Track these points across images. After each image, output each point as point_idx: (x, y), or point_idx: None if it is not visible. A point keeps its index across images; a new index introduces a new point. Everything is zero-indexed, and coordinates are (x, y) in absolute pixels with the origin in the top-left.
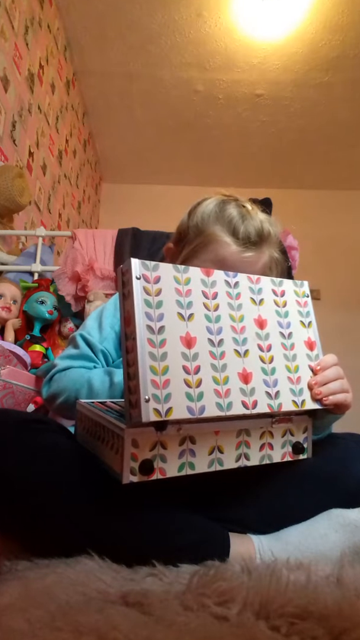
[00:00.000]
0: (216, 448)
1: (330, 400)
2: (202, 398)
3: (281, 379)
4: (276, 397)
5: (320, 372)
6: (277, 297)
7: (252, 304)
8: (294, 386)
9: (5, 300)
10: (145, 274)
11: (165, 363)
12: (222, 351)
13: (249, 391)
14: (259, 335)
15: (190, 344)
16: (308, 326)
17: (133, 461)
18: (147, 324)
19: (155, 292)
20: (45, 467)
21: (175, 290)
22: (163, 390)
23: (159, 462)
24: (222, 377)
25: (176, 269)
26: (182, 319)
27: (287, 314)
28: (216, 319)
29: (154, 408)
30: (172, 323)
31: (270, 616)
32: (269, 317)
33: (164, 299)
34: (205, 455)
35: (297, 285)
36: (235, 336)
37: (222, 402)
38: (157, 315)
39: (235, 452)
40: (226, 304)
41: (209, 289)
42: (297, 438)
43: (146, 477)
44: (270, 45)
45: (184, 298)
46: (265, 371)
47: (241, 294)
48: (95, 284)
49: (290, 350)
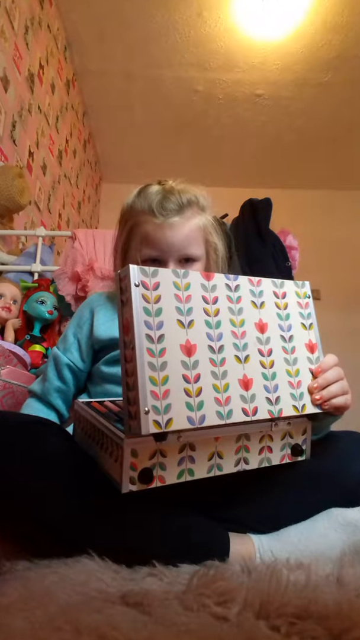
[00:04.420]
0: (216, 454)
1: (330, 404)
2: (203, 407)
3: (282, 384)
4: (276, 403)
5: (321, 374)
6: (278, 299)
7: (253, 308)
8: (294, 390)
9: (5, 300)
10: (144, 280)
11: (165, 373)
12: (222, 358)
13: (249, 398)
14: (260, 340)
15: (190, 352)
16: (309, 328)
17: (132, 470)
18: (146, 332)
19: (154, 299)
20: (46, 470)
21: (174, 296)
22: (163, 401)
23: (159, 470)
24: (223, 384)
25: (176, 274)
26: (182, 326)
27: (288, 316)
28: (216, 324)
29: (154, 420)
30: (171, 331)
31: (270, 616)
32: (270, 321)
33: (164, 306)
34: (205, 461)
35: (298, 286)
36: (235, 341)
37: (223, 410)
38: (157, 324)
39: (234, 456)
40: (227, 308)
41: (209, 294)
42: (296, 440)
43: (145, 485)
44: (270, 45)
45: (184, 304)
46: (265, 376)
47: (242, 297)
48: (95, 284)
49: (291, 353)
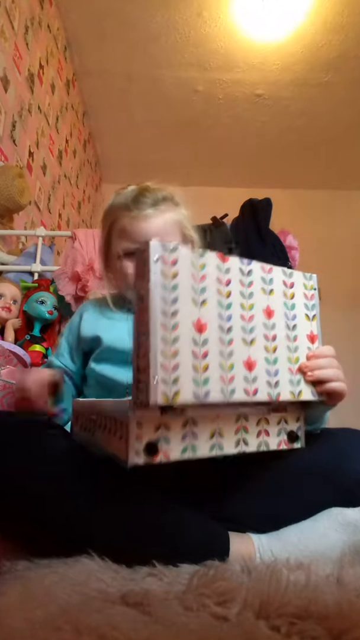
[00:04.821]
0: (217, 432)
1: (324, 388)
2: (208, 383)
3: (282, 369)
4: (276, 386)
5: (313, 359)
6: (286, 288)
7: (263, 294)
8: (292, 377)
9: (5, 300)
10: (164, 255)
11: (176, 347)
12: (230, 338)
13: (251, 379)
14: (266, 325)
15: (201, 330)
16: (312, 319)
17: (138, 443)
18: (161, 307)
19: (172, 275)
20: (46, 469)
21: (191, 274)
22: (172, 374)
23: (163, 444)
24: (228, 364)
25: (194, 253)
26: (195, 305)
27: (294, 306)
28: (227, 306)
29: (162, 391)
30: (185, 308)
31: (270, 616)
32: (277, 308)
33: (180, 282)
34: (207, 439)
35: (306, 277)
36: (243, 324)
37: (226, 389)
38: (172, 299)
39: (234, 436)
40: (238, 292)
41: (224, 276)
42: (292, 427)
43: (151, 458)
44: (270, 45)
45: (199, 283)
46: (268, 360)
47: (253, 282)
48: (95, 284)
49: (293, 342)
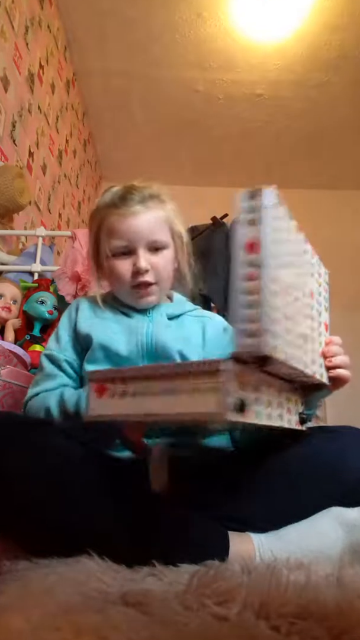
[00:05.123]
0: (272, 402)
1: (336, 373)
2: (290, 347)
3: (316, 351)
4: (320, 367)
5: (331, 344)
6: (319, 277)
7: (310, 276)
8: (320, 360)
9: (5, 300)
10: (276, 204)
11: (277, 301)
12: (314, 312)
13: (308, 351)
14: (312, 307)
15: (290, 293)
16: (326, 310)
17: (233, 397)
18: (272, 255)
19: (277, 227)
20: (46, 469)
21: (286, 231)
22: (274, 327)
23: (248, 403)
24: (299, 332)
25: (284, 213)
26: (290, 268)
27: (320, 293)
28: (308, 278)
29: (271, 343)
30: (284, 264)
31: (270, 616)
32: (315, 292)
33: (281, 237)
34: (264, 407)
35: (323, 271)
36: (311, 301)
37: (302, 358)
38: (277, 252)
39: (277, 409)
40: (309, 266)
41: (307, 247)
42: (300, 409)
43: (242, 415)
44: (270, 45)
45: (291, 245)
46: (313, 340)
47: (307, 263)
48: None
49: (319, 327)
